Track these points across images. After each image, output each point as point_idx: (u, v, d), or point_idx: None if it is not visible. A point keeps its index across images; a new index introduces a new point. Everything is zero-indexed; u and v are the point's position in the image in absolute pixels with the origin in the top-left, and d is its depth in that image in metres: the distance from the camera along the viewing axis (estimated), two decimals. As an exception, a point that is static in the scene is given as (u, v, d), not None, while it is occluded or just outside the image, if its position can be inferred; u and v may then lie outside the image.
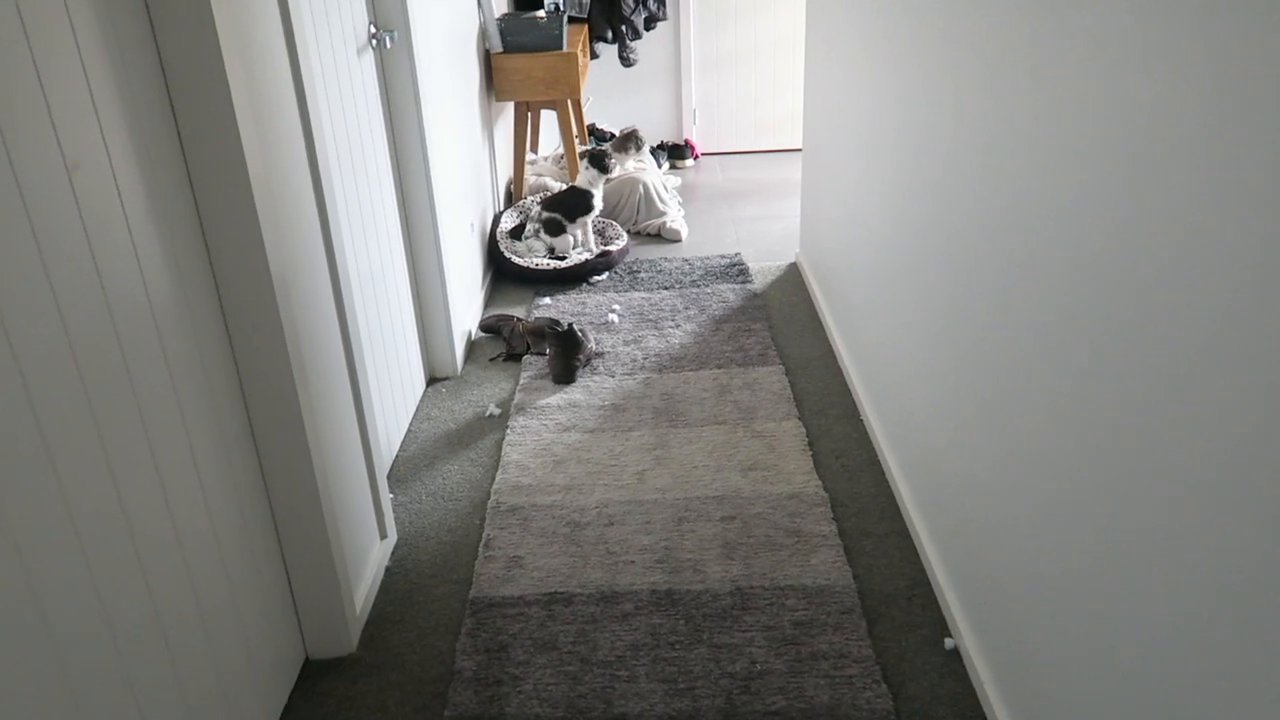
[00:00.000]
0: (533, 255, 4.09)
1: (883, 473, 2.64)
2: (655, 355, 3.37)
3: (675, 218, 4.59)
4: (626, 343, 3.47)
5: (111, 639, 1.35)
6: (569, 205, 4.11)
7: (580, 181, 4.11)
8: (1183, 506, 1.17)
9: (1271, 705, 1.03)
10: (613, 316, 3.66)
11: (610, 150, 4.16)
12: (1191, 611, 1.17)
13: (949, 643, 2.04)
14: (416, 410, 3.10)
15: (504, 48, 4.23)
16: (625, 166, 4.76)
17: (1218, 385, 1.09)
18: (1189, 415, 1.15)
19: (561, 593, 2.25)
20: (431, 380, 3.28)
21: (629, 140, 4.45)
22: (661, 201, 4.62)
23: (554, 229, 4.10)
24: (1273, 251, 0.98)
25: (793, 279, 3.97)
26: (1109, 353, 1.33)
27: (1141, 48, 1.21)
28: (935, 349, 2.16)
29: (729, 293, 3.85)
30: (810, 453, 2.74)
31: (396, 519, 2.55)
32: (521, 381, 3.24)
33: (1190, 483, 1.15)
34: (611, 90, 5.74)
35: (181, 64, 1.56)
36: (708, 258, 4.23)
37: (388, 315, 2.81)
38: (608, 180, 4.22)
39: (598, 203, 4.12)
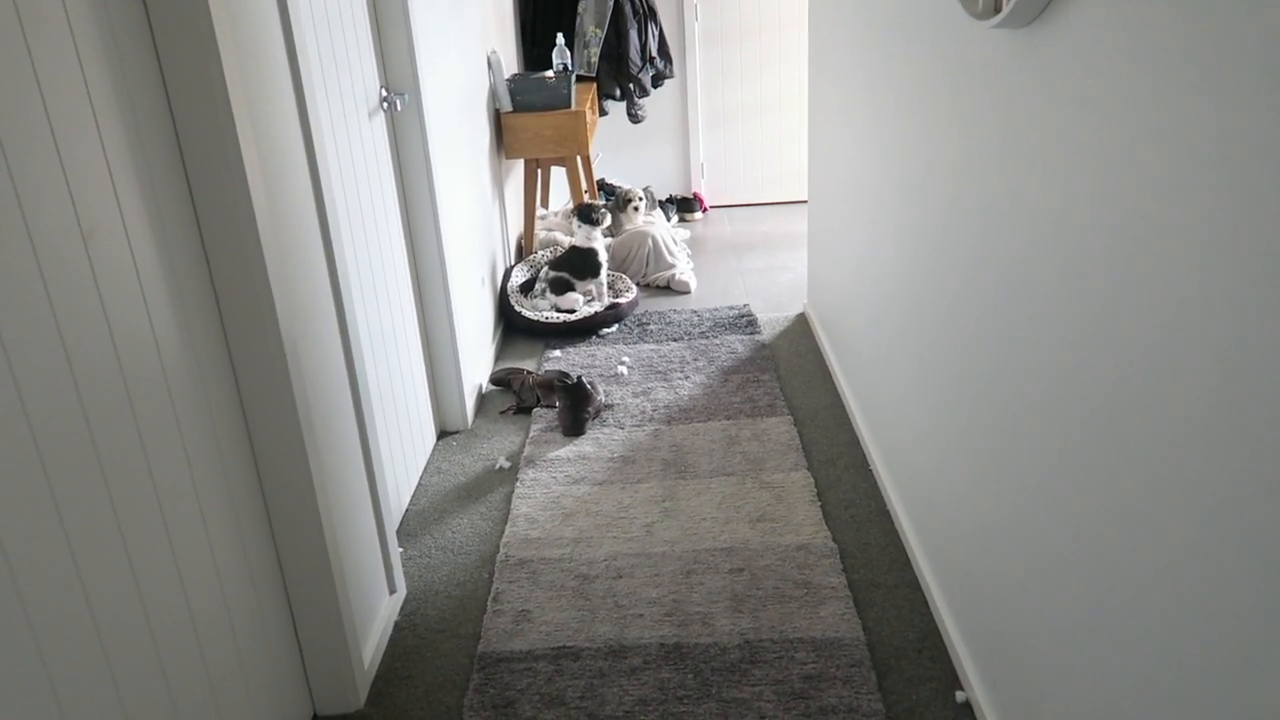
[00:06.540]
0: (540, 311, 4.14)
1: (892, 523, 2.63)
2: (664, 407, 3.38)
3: (684, 270, 4.64)
4: (635, 395, 3.49)
5: (116, 695, 1.36)
6: (575, 265, 4.18)
7: (578, 240, 4.17)
8: (1190, 558, 1.17)
9: (1275, 757, 1.02)
10: (622, 369, 3.69)
11: (602, 207, 4.24)
12: (1201, 665, 1.16)
13: (960, 696, 2.02)
14: (427, 464, 3.12)
15: (514, 107, 4.32)
16: (635, 222, 4.83)
17: (1222, 438, 1.09)
18: (1194, 468, 1.15)
19: (570, 647, 2.24)
20: (442, 434, 3.31)
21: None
22: (670, 254, 4.67)
23: (560, 287, 4.15)
24: (1268, 316, 1.00)
25: (801, 329, 3.99)
26: (1115, 406, 1.34)
27: (1137, 118, 1.24)
28: (943, 400, 2.16)
29: (737, 344, 3.87)
30: (819, 503, 2.74)
31: (406, 573, 2.56)
32: (531, 434, 3.26)
33: (1198, 535, 1.15)
34: (620, 146, 5.84)
35: (194, 131, 1.62)
36: (716, 309, 4.26)
37: (398, 371, 2.84)
38: (605, 230, 4.28)
39: (603, 259, 4.18)
